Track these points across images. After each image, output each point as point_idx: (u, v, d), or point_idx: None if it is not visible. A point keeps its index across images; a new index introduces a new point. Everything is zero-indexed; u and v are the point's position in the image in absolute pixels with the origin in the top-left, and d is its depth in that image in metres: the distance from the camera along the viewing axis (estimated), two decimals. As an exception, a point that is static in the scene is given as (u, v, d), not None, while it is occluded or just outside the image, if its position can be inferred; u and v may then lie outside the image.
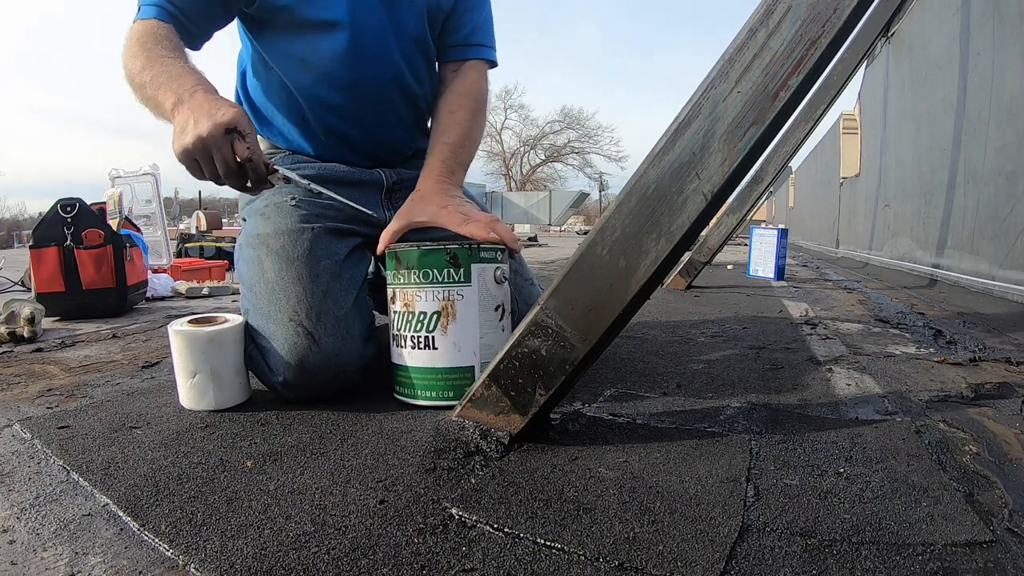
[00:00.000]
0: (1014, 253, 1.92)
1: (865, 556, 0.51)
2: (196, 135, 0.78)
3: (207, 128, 0.77)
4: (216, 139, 0.78)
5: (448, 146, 1.06)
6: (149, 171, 4.48)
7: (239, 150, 0.80)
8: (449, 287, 0.88)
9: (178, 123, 0.80)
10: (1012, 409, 0.90)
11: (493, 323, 0.90)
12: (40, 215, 2.01)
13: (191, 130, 0.78)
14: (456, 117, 1.09)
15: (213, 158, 0.79)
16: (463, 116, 1.09)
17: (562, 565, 0.51)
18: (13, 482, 0.67)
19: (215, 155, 0.79)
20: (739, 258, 4.65)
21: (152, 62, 0.86)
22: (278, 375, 0.91)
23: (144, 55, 0.87)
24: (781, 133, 1.90)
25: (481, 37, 1.16)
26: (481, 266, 0.89)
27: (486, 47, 1.17)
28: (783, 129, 1.30)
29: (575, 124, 31.76)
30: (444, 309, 0.88)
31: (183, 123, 0.79)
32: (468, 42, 1.15)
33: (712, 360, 1.24)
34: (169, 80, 0.84)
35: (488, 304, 0.90)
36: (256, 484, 0.65)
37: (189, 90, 0.83)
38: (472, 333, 0.89)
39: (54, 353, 1.38)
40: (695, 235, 0.69)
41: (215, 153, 0.79)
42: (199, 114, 0.79)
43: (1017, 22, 1.92)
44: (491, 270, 0.90)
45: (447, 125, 1.09)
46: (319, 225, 1.01)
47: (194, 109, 0.80)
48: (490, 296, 0.90)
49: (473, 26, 1.15)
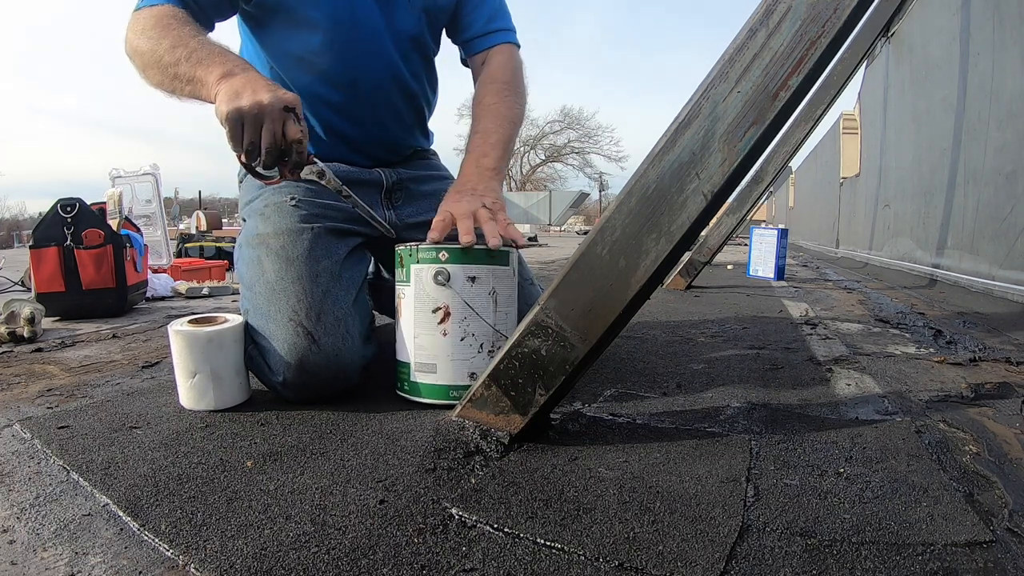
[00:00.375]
0: (1014, 253, 1.92)
1: (865, 556, 0.51)
2: (255, 100, 0.78)
3: (268, 98, 0.78)
4: (275, 110, 0.79)
5: (479, 134, 1.06)
6: (149, 171, 4.48)
7: (291, 130, 0.81)
8: (400, 286, 0.92)
9: (229, 88, 0.80)
10: (1012, 409, 0.90)
11: (431, 325, 0.88)
12: (40, 215, 2.01)
13: (248, 95, 0.78)
14: (483, 104, 1.10)
15: (263, 127, 0.79)
16: (491, 101, 1.10)
17: (562, 565, 0.51)
18: (13, 482, 0.67)
19: (267, 125, 0.79)
20: (739, 258, 4.65)
21: (184, 39, 0.86)
22: (278, 375, 0.91)
23: (172, 34, 0.87)
24: (781, 133, 1.90)
25: (500, 23, 1.17)
26: (420, 267, 0.88)
27: (507, 31, 1.18)
28: (783, 129, 1.30)
29: (575, 124, 31.80)
30: (396, 306, 0.94)
31: (237, 89, 0.79)
32: (488, 30, 1.16)
33: (712, 360, 1.24)
34: (212, 56, 0.85)
35: (425, 305, 0.88)
36: (256, 484, 0.65)
37: (241, 65, 0.84)
38: (408, 332, 0.90)
39: (54, 353, 1.38)
40: (695, 235, 0.69)
41: (267, 123, 0.79)
42: (258, 85, 0.80)
43: (1017, 22, 1.92)
44: (430, 271, 0.87)
45: (478, 115, 1.10)
46: (319, 225, 1.01)
47: (251, 81, 0.81)
48: (427, 297, 0.87)
49: (489, 15, 1.16)
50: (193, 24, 0.91)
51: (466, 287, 0.87)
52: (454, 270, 0.86)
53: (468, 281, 0.87)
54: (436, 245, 0.87)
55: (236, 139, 0.81)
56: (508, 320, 0.91)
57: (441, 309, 0.87)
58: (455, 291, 0.87)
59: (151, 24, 0.89)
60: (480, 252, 0.87)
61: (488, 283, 0.88)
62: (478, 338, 0.88)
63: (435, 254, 0.87)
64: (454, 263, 0.87)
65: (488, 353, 0.88)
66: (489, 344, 0.89)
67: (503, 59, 1.16)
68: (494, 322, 0.89)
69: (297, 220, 1.01)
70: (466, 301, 0.87)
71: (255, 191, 1.11)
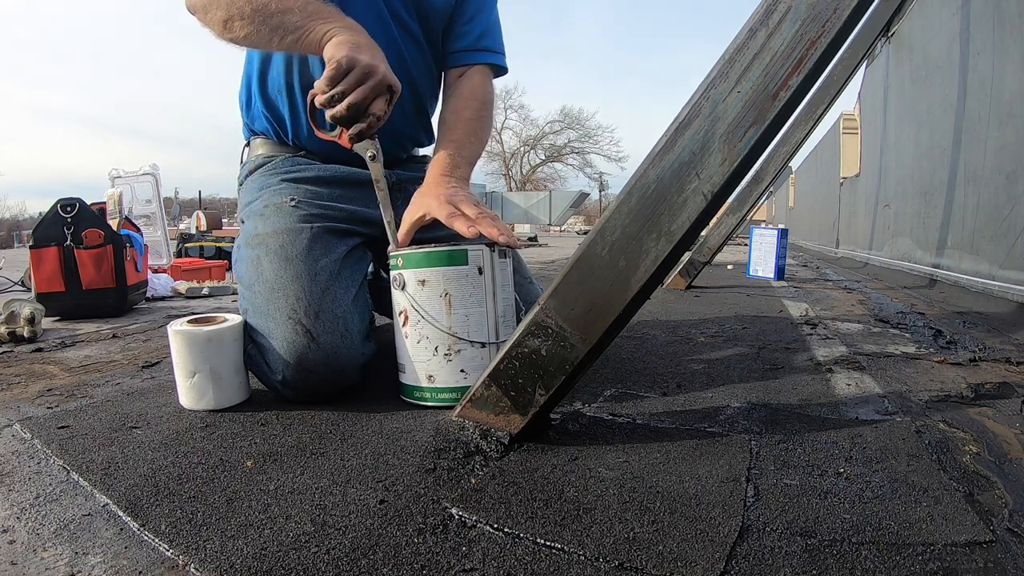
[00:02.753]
0: (1014, 253, 1.92)
1: (865, 556, 0.51)
2: (373, 62, 0.82)
3: (384, 68, 0.83)
4: (381, 79, 0.83)
5: (452, 143, 1.06)
6: (149, 171, 4.48)
7: (379, 105, 0.85)
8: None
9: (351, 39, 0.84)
10: (1012, 409, 0.90)
11: (399, 328, 0.92)
12: (40, 215, 2.01)
13: (368, 55, 0.83)
14: (461, 117, 1.10)
15: (362, 85, 0.82)
16: (468, 116, 1.10)
17: (562, 565, 0.51)
18: (13, 482, 0.67)
19: (366, 86, 0.83)
20: (739, 258, 4.65)
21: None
22: (277, 374, 0.91)
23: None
24: (781, 133, 1.90)
25: (488, 42, 1.17)
26: (392, 272, 0.91)
27: (493, 52, 1.17)
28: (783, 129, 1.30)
29: (575, 124, 31.78)
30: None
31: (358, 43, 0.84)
32: (475, 47, 1.16)
33: (712, 360, 1.24)
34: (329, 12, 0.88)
35: (395, 309, 0.93)
36: (256, 484, 0.65)
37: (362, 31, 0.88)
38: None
39: (54, 353, 1.38)
40: (695, 235, 0.69)
41: (368, 85, 0.83)
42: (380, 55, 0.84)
43: (1017, 22, 1.92)
44: (394, 275, 0.91)
45: (452, 124, 1.09)
46: (318, 225, 1.01)
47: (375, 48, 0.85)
48: (395, 302, 0.93)
49: (480, 32, 1.16)
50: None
51: (417, 290, 0.88)
52: (407, 275, 0.89)
53: (418, 285, 0.88)
54: (396, 251, 0.92)
55: (333, 80, 0.83)
56: (469, 322, 0.88)
57: (402, 313, 0.91)
58: (408, 295, 0.89)
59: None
60: (434, 254, 0.88)
61: (439, 286, 0.87)
62: (432, 341, 0.88)
63: (395, 260, 0.91)
64: (406, 268, 0.89)
65: (444, 356, 0.88)
66: (444, 347, 0.88)
67: (483, 79, 1.16)
68: (448, 325, 0.87)
69: (296, 220, 1.01)
70: (415, 305, 0.88)
71: (255, 193, 1.11)
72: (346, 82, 0.82)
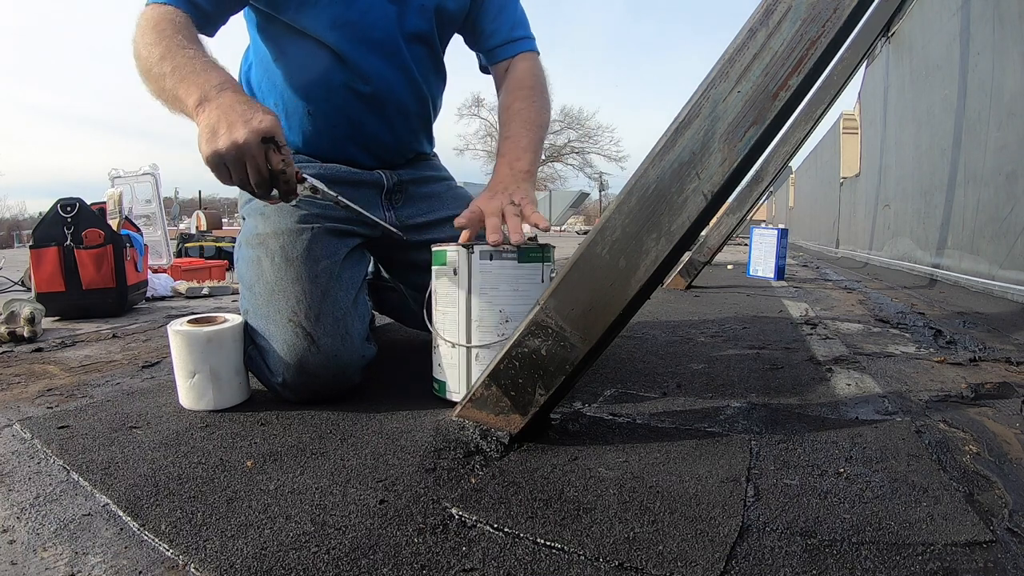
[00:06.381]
0: (1014, 253, 1.92)
1: (865, 556, 0.51)
2: (231, 141, 0.74)
3: (243, 135, 0.74)
4: (252, 147, 0.75)
5: (508, 139, 1.07)
6: (149, 171, 4.48)
7: (274, 161, 0.78)
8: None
9: (206, 124, 0.77)
10: (1012, 409, 0.90)
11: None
12: (40, 215, 2.01)
13: (224, 134, 0.75)
14: (513, 109, 1.11)
15: (246, 165, 0.77)
16: (520, 106, 1.11)
17: (562, 565, 0.51)
18: (13, 482, 0.67)
19: (249, 163, 0.76)
20: (739, 258, 4.65)
21: (172, 52, 0.82)
22: (277, 376, 0.91)
23: (163, 44, 0.83)
24: (781, 133, 1.90)
25: (522, 31, 1.19)
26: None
27: (529, 39, 1.20)
28: (783, 129, 1.30)
29: (575, 124, 31.72)
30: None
31: (213, 125, 0.76)
32: (512, 38, 1.18)
33: (712, 360, 1.24)
34: (192, 74, 0.81)
35: None
36: (256, 484, 0.65)
37: (216, 87, 0.80)
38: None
39: (54, 353, 1.38)
40: (695, 235, 0.69)
41: (249, 161, 0.76)
42: (233, 117, 0.76)
43: (1017, 22, 1.92)
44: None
45: (507, 121, 1.10)
46: (318, 225, 1.01)
47: (225, 111, 0.76)
48: None
49: (512, 23, 1.18)
50: (187, 30, 0.87)
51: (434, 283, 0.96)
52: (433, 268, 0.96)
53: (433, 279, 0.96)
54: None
55: (224, 179, 0.78)
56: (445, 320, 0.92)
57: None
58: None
59: (149, 28, 0.86)
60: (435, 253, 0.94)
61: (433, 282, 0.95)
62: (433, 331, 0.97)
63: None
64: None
65: (433, 347, 0.96)
66: (432, 340, 0.96)
67: (528, 65, 1.17)
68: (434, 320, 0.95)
69: (296, 220, 1.01)
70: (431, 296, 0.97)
71: (255, 191, 1.10)
72: (233, 172, 0.77)
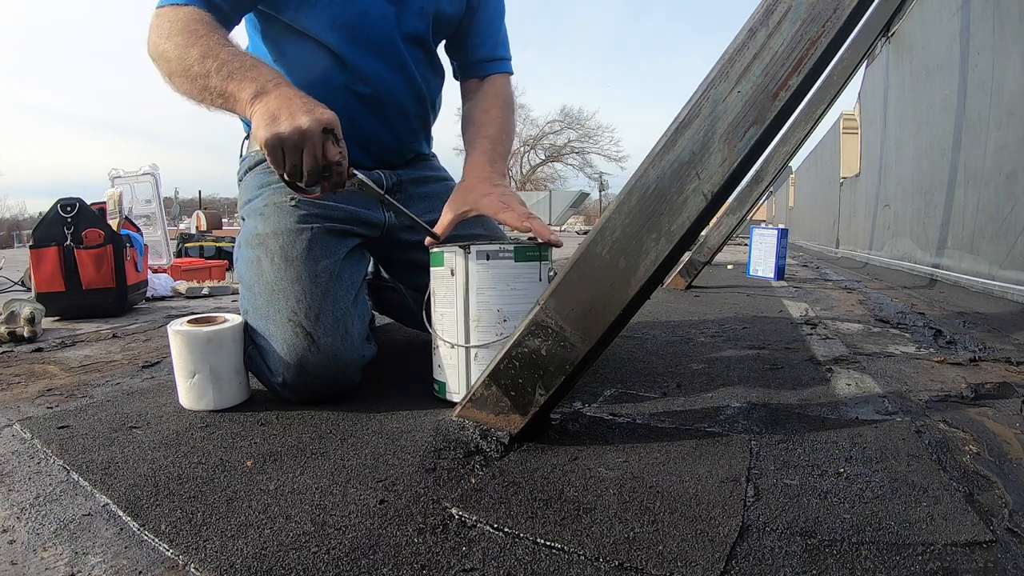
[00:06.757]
0: (1014, 253, 1.92)
1: (865, 556, 0.51)
2: (295, 126, 0.76)
3: (308, 122, 0.77)
4: (314, 135, 0.78)
5: (488, 139, 1.08)
6: (149, 171, 4.48)
7: (331, 152, 0.80)
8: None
9: (265, 111, 0.79)
10: (1012, 409, 0.90)
11: None
12: (40, 215, 2.01)
13: (287, 120, 0.77)
14: (491, 115, 1.12)
15: (304, 152, 0.79)
16: (496, 113, 1.12)
17: (562, 565, 0.51)
18: (13, 482, 0.67)
19: (307, 150, 0.78)
20: (739, 258, 4.65)
21: (214, 51, 0.84)
22: (277, 376, 0.91)
23: (200, 44, 0.84)
24: (781, 133, 1.90)
25: (503, 51, 1.22)
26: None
27: (506, 60, 1.23)
28: (783, 129, 1.30)
29: (575, 124, 31.74)
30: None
31: (273, 111, 0.78)
32: (492, 57, 1.21)
33: (712, 360, 1.24)
34: (243, 70, 0.82)
35: None
36: (256, 484, 0.65)
37: (272, 81, 0.82)
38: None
39: (54, 353, 1.38)
40: (695, 235, 0.69)
41: (308, 148, 0.78)
42: (295, 107, 0.78)
43: (1017, 22, 1.92)
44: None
45: (483, 122, 1.11)
46: (318, 225, 1.01)
47: (286, 100, 0.79)
48: None
49: (495, 42, 1.21)
50: (220, 31, 0.88)
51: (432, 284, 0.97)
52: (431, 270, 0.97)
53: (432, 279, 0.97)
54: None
55: (278, 163, 0.80)
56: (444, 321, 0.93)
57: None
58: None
59: (177, 29, 0.86)
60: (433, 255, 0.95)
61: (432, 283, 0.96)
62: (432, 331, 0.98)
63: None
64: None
65: (433, 348, 0.97)
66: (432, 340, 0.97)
67: (504, 83, 1.21)
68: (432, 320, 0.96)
69: (296, 220, 1.01)
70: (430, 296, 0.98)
71: (255, 190, 1.11)
72: (289, 158, 0.79)
